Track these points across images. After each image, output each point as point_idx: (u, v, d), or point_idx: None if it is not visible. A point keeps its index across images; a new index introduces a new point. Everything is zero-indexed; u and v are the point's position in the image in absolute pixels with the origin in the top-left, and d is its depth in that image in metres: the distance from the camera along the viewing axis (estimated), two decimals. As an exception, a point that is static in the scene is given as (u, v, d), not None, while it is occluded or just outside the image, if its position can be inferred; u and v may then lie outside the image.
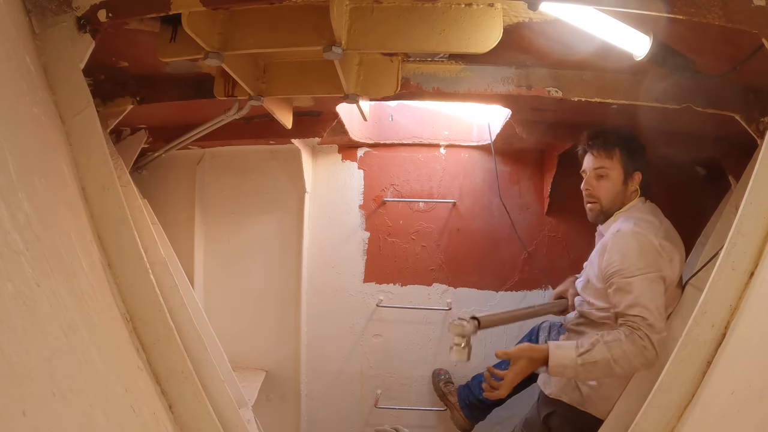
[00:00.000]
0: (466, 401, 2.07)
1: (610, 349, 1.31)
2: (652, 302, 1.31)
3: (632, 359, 1.29)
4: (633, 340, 1.29)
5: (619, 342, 1.31)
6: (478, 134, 2.30)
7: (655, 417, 1.02)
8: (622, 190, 1.51)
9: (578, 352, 1.33)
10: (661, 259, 1.36)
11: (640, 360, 1.29)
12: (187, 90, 1.50)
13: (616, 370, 1.31)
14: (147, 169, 2.12)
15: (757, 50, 1.07)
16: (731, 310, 0.98)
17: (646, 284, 1.33)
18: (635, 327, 1.30)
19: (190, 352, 1.16)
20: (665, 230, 1.43)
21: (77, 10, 1.03)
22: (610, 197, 1.52)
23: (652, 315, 1.30)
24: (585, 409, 1.47)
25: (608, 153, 1.51)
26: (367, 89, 1.35)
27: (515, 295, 2.34)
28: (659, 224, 1.43)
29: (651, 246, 1.36)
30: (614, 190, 1.51)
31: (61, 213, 0.91)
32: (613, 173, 1.51)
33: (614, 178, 1.51)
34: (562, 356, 1.35)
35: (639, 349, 1.28)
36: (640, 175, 1.51)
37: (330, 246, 2.36)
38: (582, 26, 1.10)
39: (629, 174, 1.51)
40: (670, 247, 1.39)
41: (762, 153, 0.99)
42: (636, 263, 1.35)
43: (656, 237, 1.37)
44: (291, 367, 2.35)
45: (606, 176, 1.51)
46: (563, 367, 1.35)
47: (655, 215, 1.47)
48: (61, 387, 0.70)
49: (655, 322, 1.29)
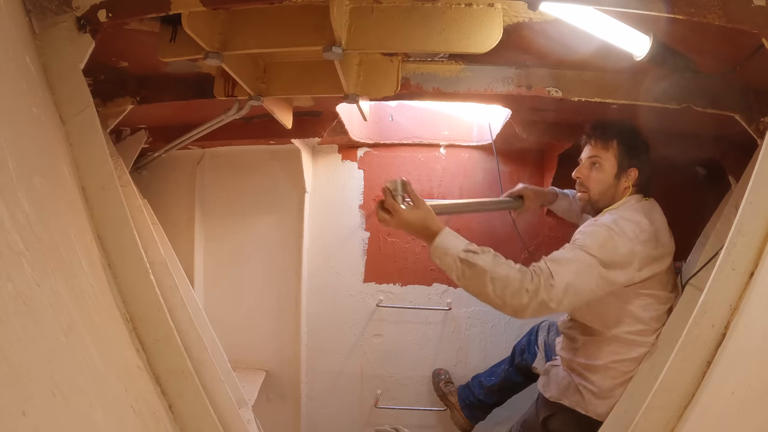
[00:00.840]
0: (466, 401, 2.07)
1: (495, 265, 1.23)
2: (572, 276, 1.23)
3: (507, 290, 1.20)
4: (523, 277, 1.21)
5: (509, 267, 1.24)
6: (478, 134, 2.30)
7: (655, 417, 1.02)
8: (614, 184, 1.46)
9: (466, 248, 1.26)
10: (621, 261, 1.28)
11: (514, 299, 1.20)
12: (187, 90, 1.50)
13: (488, 288, 1.21)
14: (147, 169, 2.12)
15: (757, 50, 1.07)
16: (731, 310, 0.98)
17: (582, 262, 1.26)
18: (536, 272, 1.23)
19: (190, 352, 1.16)
20: (652, 233, 1.34)
21: (77, 10, 1.03)
22: (599, 188, 1.47)
23: (561, 282, 1.21)
24: (587, 412, 1.45)
25: (605, 144, 1.46)
26: (367, 89, 1.35)
27: (515, 295, 2.34)
28: (646, 226, 1.34)
29: (616, 244, 1.29)
30: (605, 182, 1.46)
31: (61, 213, 0.91)
32: (606, 164, 1.46)
33: (607, 170, 1.46)
34: (450, 242, 1.27)
35: (521, 287, 1.20)
36: (636, 172, 1.45)
37: (330, 246, 2.36)
38: (582, 26, 1.10)
39: (623, 168, 1.45)
40: (645, 253, 1.31)
41: (762, 153, 0.99)
42: (592, 245, 1.28)
43: (631, 241, 1.29)
44: (291, 367, 2.35)
45: (599, 166, 1.47)
46: (444, 252, 1.26)
47: (647, 215, 1.38)
48: (61, 387, 0.70)
49: (557, 288, 1.20)
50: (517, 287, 1.21)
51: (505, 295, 1.21)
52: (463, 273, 1.25)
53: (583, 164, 1.52)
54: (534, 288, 1.21)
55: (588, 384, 1.46)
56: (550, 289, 1.21)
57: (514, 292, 1.21)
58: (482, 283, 1.23)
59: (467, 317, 2.35)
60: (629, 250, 1.29)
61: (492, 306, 1.26)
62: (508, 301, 1.22)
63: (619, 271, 1.29)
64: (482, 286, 1.23)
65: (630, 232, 1.31)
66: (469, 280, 1.25)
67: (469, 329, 2.35)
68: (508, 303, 1.22)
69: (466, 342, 2.36)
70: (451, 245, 1.27)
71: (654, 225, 1.36)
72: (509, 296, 1.21)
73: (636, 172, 1.46)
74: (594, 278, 1.26)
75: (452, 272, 1.28)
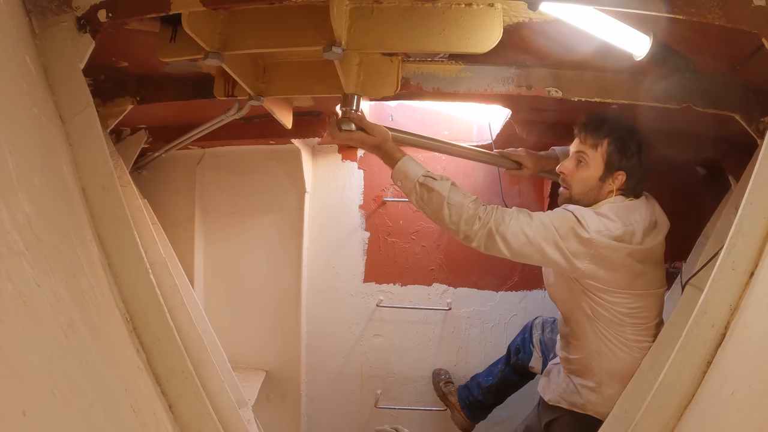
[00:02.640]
0: (467, 401, 2.07)
1: (452, 192, 1.30)
2: (527, 226, 1.27)
3: (462, 216, 1.28)
4: (477, 206, 1.29)
5: (465, 196, 1.30)
6: (478, 134, 2.30)
7: (655, 417, 1.02)
8: (597, 186, 1.39)
9: (425, 173, 1.34)
10: (574, 242, 1.27)
11: (466, 224, 1.28)
12: (187, 90, 1.50)
13: (444, 212, 1.29)
14: (147, 169, 2.12)
15: (757, 50, 1.07)
16: (731, 310, 0.98)
17: (542, 221, 1.28)
18: (495, 208, 1.29)
19: (190, 352, 1.16)
20: (626, 234, 1.30)
21: (77, 10, 1.03)
22: (581, 188, 1.40)
23: (515, 223, 1.26)
24: (586, 411, 1.46)
25: (595, 141, 1.38)
26: (367, 89, 1.35)
27: (515, 294, 2.34)
28: (618, 226, 1.30)
29: (572, 225, 1.28)
30: (588, 183, 1.39)
31: (61, 213, 0.91)
32: (592, 163, 1.38)
33: (592, 169, 1.38)
34: (410, 167, 1.35)
35: (474, 214, 1.27)
36: (623, 176, 1.37)
37: (330, 246, 2.36)
38: (582, 26, 1.10)
39: (611, 171, 1.37)
40: (607, 243, 1.27)
41: (762, 153, 0.99)
42: (554, 215, 1.31)
43: (596, 232, 1.27)
44: (291, 367, 2.35)
45: (584, 164, 1.39)
46: (404, 177, 1.35)
47: (624, 217, 1.32)
48: (61, 387, 0.70)
49: (509, 225, 1.26)
50: (471, 214, 1.28)
51: (460, 221, 1.29)
52: (422, 197, 1.34)
53: (568, 159, 1.45)
54: (486, 217, 1.28)
55: (584, 381, 1.46)
56: (500, 222, 1.27)
57: (467, 219, 1.28)
58: (439, 208, 1.31)
59: (467, 317, 2.35)
60: (588, 237, 1.27)
61: (448, 231, 1.35)
62: (462, 226, 1.29)
63: (573, 246, 1.28)
64: (439, 210, 1.31)
65: (593, 225, 1.28)
66: (427, 203, 1.34)
67: (469, 329, 2.35)
68: (461, 229, 1.29)
69: (466, 342, 2.36)
70: (411, 170, 1.36)
71: (629, 227, 1.31)
72: (463, 222, 1.29)
73: (623, 177, 1.38)
74: (549, 240, 1.27)
75: (411, 195, 1.36)
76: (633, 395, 1.32)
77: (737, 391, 0.88)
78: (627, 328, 1.37)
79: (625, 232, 1.30)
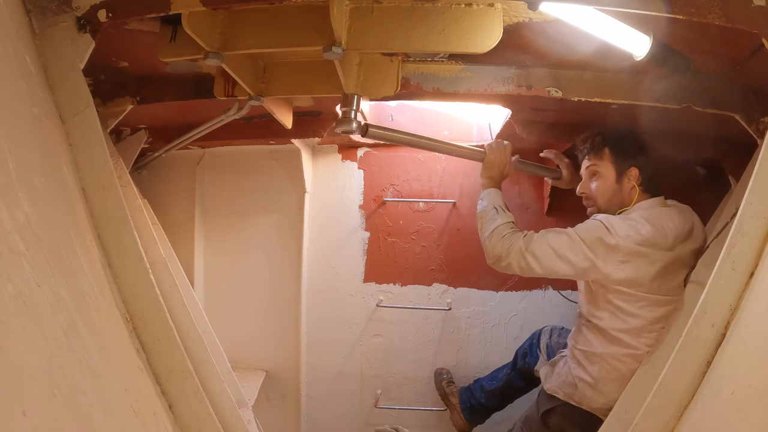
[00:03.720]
0: (468, 404, 2.07)
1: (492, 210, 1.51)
2: (555, 241, 1.39)
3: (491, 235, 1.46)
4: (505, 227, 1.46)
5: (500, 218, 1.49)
6: (478, 134, 2.30)
7: (655, 417, 1.02)
8: (617, 189, 1.49)
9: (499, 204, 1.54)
10: (603, 250, 1.35)
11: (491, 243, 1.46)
12: (187, 90, 1.50)
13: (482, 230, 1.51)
14: (147, 169, 2.12)
15: (757, 50, 1.07)
16: (731, 310, 0.97)
17: (569, 235, 1.39)
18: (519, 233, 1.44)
19: (190, 352, 1.16)
20: (657, 237, 1.34)
21: (77, 10, 1.03)
22: (604, 197, 1.51)
23: (542, 240, 1.39)
24: (581, 405, 1.47)
25: (598, 154, 1.51)
26: (367, 89, 1.35)
27: (515, 295, 2.34)
28: (649, 230, 1.34)
29: (602, 234, 1.35)
30: (608, 189, 1.50)
31: (61, 213, 0.91)
32: (605, 171, 1.50)
33: (606, 176, 1.50)
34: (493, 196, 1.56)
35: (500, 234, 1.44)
36: (636, 171, 1.48)
37: (330, 246, 2.36)
38: (582, 26, 1.10)
39: (622, 171, 1.48)
40: (635, 248, 1.33)
41: (762, 153, 0.99)
42: (581, 228, 1.41)
43: (624, 237, 1.33)
44: (291, 367, 2.35)
45: (598, 175, 1.51)
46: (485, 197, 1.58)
47: (655, 223, 1.36)
48: (61, 387, 0.70)
49: (536, 243, 1.40)
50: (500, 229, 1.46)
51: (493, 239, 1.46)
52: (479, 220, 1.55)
53: (584, 179, 1.57)
54: (516, 240, 1.42)
55: (583, 374, 1.47)
56: (530, 242, 1.40)
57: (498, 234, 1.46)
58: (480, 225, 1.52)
59: (467, 317, 2.35)
60: (615, 243, 1.34)
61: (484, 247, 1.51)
62: (495, 244, 1.45)
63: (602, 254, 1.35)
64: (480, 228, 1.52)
65: (622, 231, 1.34)
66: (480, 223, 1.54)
67: (469, 329, 2.35)
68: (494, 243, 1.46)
69: (466, 342, 2.35)
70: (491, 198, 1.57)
71: (660, 231, 1.35)
72: (496, 242, 1.45)
73: (636, 171, 1.48)
74: (577, 252, 1.37)
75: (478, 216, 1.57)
76: (633, 395, 1.32)
77: (737, 391, 0.88)
78: (643, 336, 1.38)
79: (655, 235, 1.35)
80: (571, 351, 1.57)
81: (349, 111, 1.36)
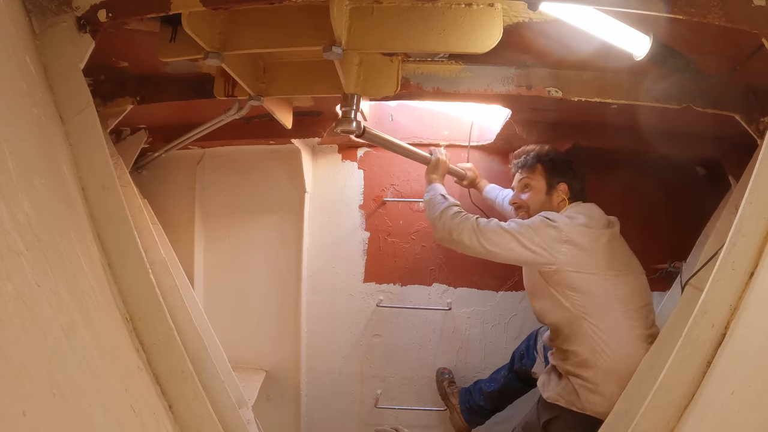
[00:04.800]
0: (467, 405, 2.07)
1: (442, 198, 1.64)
2: (503, 224, 1.51)
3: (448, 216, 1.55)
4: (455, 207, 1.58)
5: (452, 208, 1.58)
6: (478, 134, 2.30)
7: (655, 417, 1.02)
8: (548, 200, 1.65)
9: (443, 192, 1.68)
10: (549, 233, 1.47)
11: (450, 221, 1.54)
12: (187, 90, 1.50)
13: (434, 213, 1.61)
14: (147, 169, 2.12)
15: (757, 50, 1.07)
16: (731, 310, 0.98)
17: (515, 226, 1.50)
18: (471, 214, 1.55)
19: (190, 352, 1.16)
20: (591, 222, 1.51)
21: (77, 10, 1.03)
22: (536, 205, 1.65)
23: (492, 222, 1.52)
24: (584, 410, 1.46)
25: (530, 168, 1.68)
26: (367, 89, 1.35)
27: (515, 295, 2.34)
28: (582, 219, 1.51)
29: (543, 221, 1.50)
30: (539, 199, 1.65)
31: (61, 213, 0.91)
32: (536, 184, 1.66)
33: (537, 189, 1.66)
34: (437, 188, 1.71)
35: (452, 210, 1.55)
36: (565, 186, 1.64)
37: (330, 246, 2.36)
38: (582, 26, 1.10)
39: (552, 185, 1.64)
40: (576, 228, 1.48)
41: (762, 153, 0.99)
42: (524, 222, 1.53)
43: (563, 223, 1.48)
44: (291, 367, 2.34)
45: (530, 187, 1.67)
46: None
47: (587, 211, 1.55)
48: (61, 387, 0.70)
49: (486, 228, 1.50)
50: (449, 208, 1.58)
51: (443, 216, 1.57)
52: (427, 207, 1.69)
53: (516, 190, 1.73)
54: (468, 217, 1.54)
55: (582, 381, 1.47)
56: (482, 222, 1.51)
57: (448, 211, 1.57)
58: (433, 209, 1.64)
59: (467, 317, 2.35)
60: (557, 226, 1.47)
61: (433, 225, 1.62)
62: (446, 224, 1.55)
63: (548, 237, 1.46)
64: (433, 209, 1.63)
65: (560, 219, 1.50)
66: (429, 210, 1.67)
67: (469, 329, 2.35)
68: (446, 225, 1.55)
69: (466, 342, 2.35)
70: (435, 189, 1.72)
71: (591, 219, 1.52)
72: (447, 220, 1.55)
73: (565, 186, 1.64)
74: (525, 235, 1.47)
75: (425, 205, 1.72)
76: (633, 395, 1.32)
77: (737, 391, 0.88)
78: (618, 315, 1.43)
79: (589, 221, 1.51)
80: (561, 369, 1.56)
81: (349, 111, 1.36)
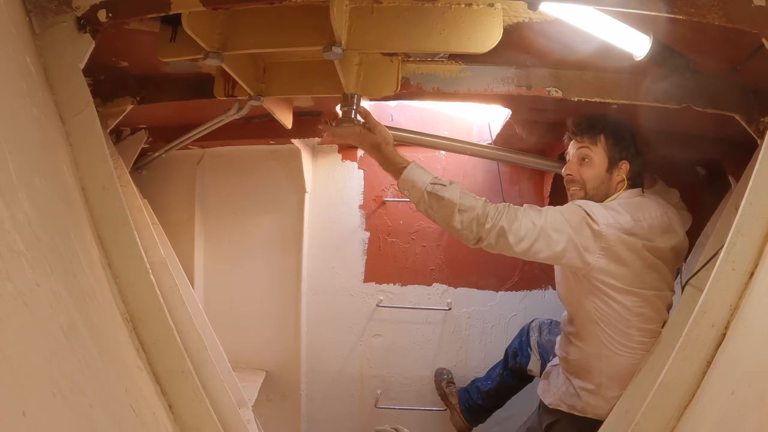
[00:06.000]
0: (466, 404, 2.07)
1: (463, 198, 1.27)
2: (542, 220, 1.27)
3: (474, 220, 1.26)
4: (486, 205, 1.28)
5: (476, 199, 1.29)
6: (478, 134, 2.30)
7: (655, 417, 1.02)
8: (607, 179, 1.43)
9: (432, 180, 1.30)
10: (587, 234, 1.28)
11: (478, 227, 1.26)
12: (187, 90, 1.50)
13: (455, 219, 1.27)
14: (147, 169, 2.12)
15: (757, 50, 1.07)
16: (731, 310, 0.97)
17: (554, 216, 1.29)
18: (505, 206, 1.29)
19: (190, 352, 1.16)
20: (636, 228, 1.31)
21: (77, 10, 1.03)
22: (594, 183, 1.43)
23: (527, 219, 1.26)
24: (585, 413, 1.46)
25: (592, 138, 1.44)
26: (367, 89, 1.35)
27: (515, 294, 2.34)
28: (625, 222, 1.30)
29: (583, 218, 1.30)
30: (598, 176, 1.43)
31: (61, 213, 0.91)
32: (596, 158, 1.43)
33: (598, 164, 1.43)
34: (416, 175, 1.32)
35: (484, 213, 1.26)
36: (627, 164, 1.43)
37: (330, 246, 2.36)
38: (582, 26, 1.10)
39: (614, 162, 1.43)
40: (617, 236, 1.28)
41: (762, 153, 0.99)
42: (564, 210, 1.32)
43: (605, 224, 1.28)
44: (291, 367, 2.35)
45: (589, 161, 1.44)
46: (411, 186, 1.32)
47: (634, 213, 1.33)
48: (61, 387, 0.70)
49: (521, 221, 1.26)
50: (482, 213, 1.27)
51: (472, 224, 1.27)
52: (431, 206, 1.31)
53: (572, 161, 1.49)
54: (497, 216, 1.26)
55: (583, 383, 1.46)
56: (513, 220, 1.26)
57: (480, 220, 1.27)
58: (450, 215, 1.28)
59: (467, 317, 2.35)
60: (598, 229, 1.28)
61: (457, 236, 1.32)
62: (474, 228, 1.27)
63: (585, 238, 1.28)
64: (450, 217, 1.28)
65: (602, 218, 1.29)
66: (437, 212, 1.30)
67: (469, 329, 2.35)
68: (474, 231, 1.28)
69: (466, 342, 2.36)
70: (417, 179, 1.32)
71: (641, 222, 1.32)
72: (475, 224, 1.27)
73: (627, 165, 1.44)
74: (561, 232, 1.28)
75: (420, 205, 1.34)
76: (633, 395, 1.32)
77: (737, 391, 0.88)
78: (633, 331, 1.35)
79: (634, 226, 1.31)
80: (563, 363, 1.55)
81: (349, 111, 1.35)
